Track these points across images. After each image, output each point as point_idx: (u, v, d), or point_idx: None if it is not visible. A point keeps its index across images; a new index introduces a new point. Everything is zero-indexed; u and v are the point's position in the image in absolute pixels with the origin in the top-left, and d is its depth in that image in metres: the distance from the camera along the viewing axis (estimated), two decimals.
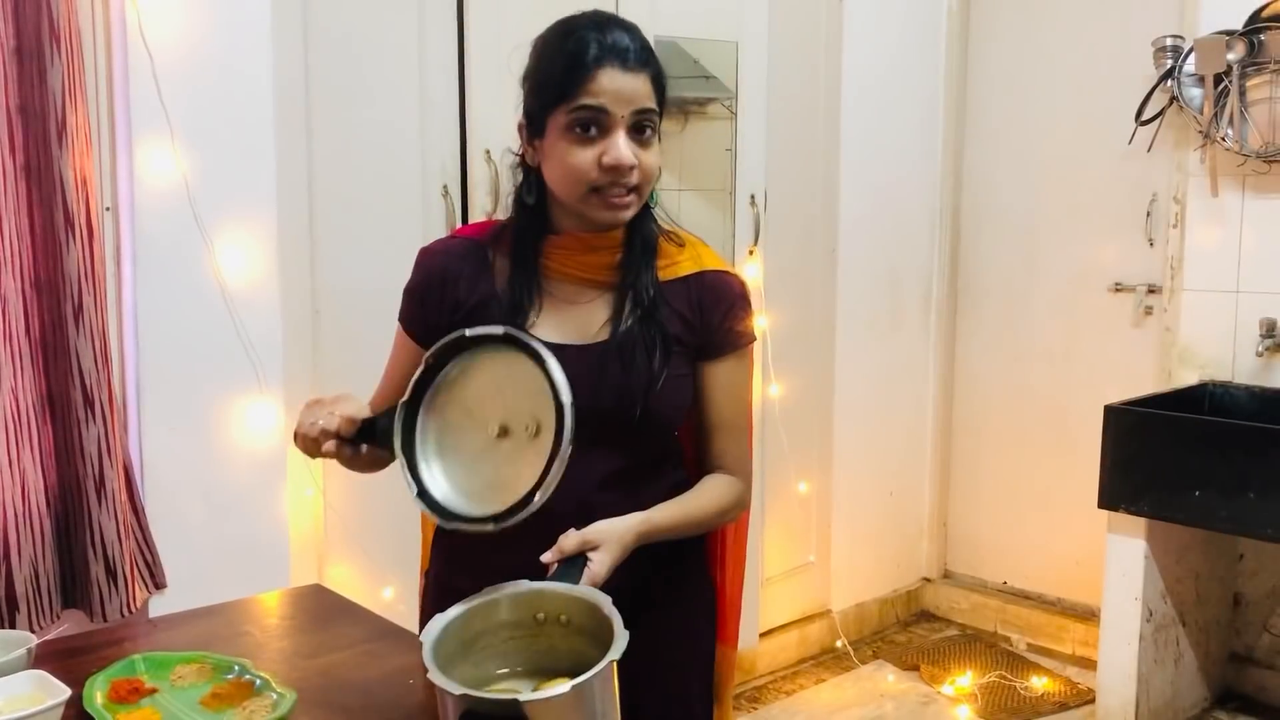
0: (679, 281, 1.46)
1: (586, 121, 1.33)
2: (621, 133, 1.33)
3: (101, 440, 2.00)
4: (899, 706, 3.32)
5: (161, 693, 1.34)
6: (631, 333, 1.41)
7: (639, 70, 1.34)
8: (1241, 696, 3.27)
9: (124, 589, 2.04)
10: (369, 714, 1.32)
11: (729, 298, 1.47)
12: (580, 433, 1.37)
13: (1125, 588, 2.93)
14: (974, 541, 4.03)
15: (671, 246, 1.48)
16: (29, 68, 1.93)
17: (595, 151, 1.33)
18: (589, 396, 1.36)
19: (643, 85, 1.34)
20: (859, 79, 3.55)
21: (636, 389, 1.39)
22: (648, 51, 1.37)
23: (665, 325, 1.42)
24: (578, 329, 1.42)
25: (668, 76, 1.41)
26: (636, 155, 1.34)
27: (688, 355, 1.45)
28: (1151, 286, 3.45)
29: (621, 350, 1.40)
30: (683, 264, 1.47)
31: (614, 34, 1.35)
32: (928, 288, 3.92)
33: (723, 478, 1.49)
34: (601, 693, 1.10)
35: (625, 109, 1.33)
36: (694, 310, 1.45)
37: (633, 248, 1.43)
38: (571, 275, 1.43)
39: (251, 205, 2.28)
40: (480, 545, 1.43)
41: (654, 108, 1.36)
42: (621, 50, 1.34)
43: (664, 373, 1.40)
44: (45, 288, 1.97)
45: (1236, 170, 3.09)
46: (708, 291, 1.46)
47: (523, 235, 1.43)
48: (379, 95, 2.54)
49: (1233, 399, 3.11)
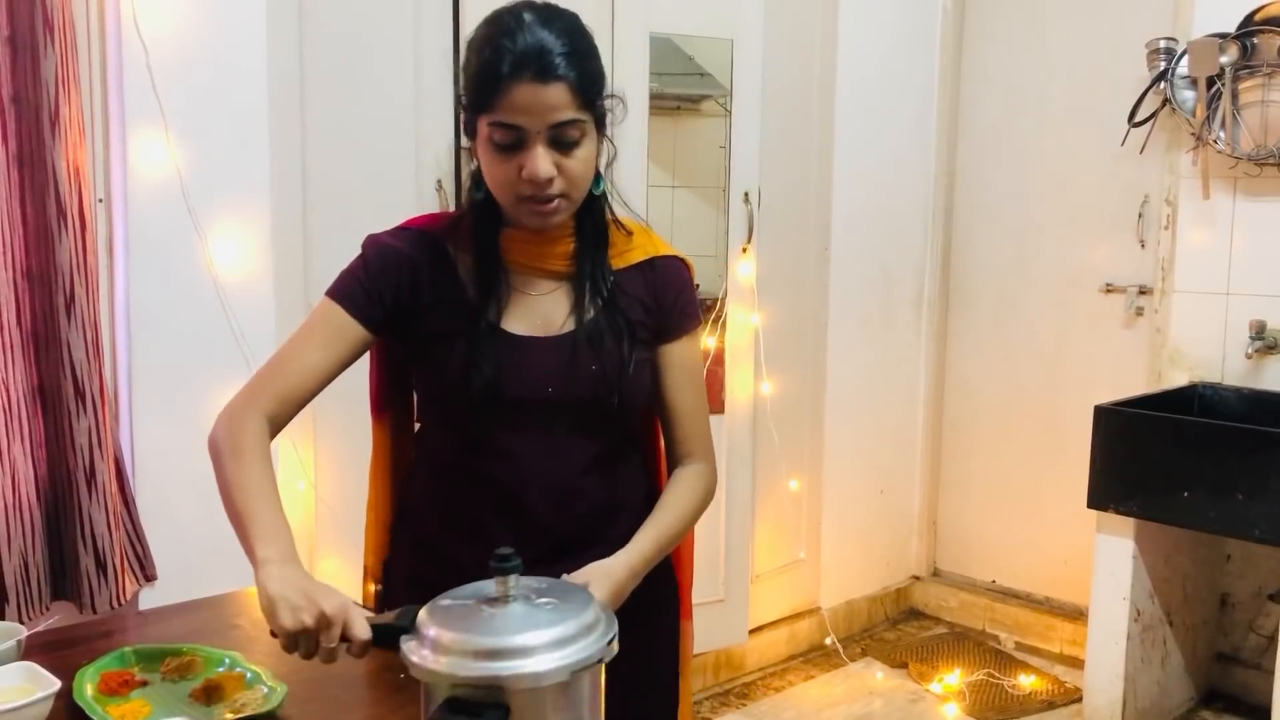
0: (633, 269, 1.48)
1: (504, 137, 1.31)
2: (539, 147, 1.31)
3: (92, 432, 1.99)
4: (887, 704, 3.34)
5: (152, 685, 1.34)
6: (598, 321, 1.43)
7: (556, 79, 1.29)
8: (1227, 696, 3.29)
9: (114, 581, 2.03)
10: (359, 707, 1.32)
11: (680, 281, 1.51)
12: (559, 422, 1.41)
13: (1113, 587, 2.94)
14: (963, 540, 4.04)
15: (620, 235, 1.49)
16: (22, 58, 1.92)
17: (515, 164, 1.32)
18: (566, 387, 1.41)
19: (560, 95, 1.30)
20: (853, 77, 3.56)
21: (611, 377, 1.41)
22: (572, 53, 1.31)
23: (627, 312, 1.45)
24: (542, 321, 1.43)
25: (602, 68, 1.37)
26: (559, 164, 1.32)
27: (648, 340, 1.48)
28: (1142, 288, 3.47)
29: (591, 339, 1.42)
30: (634, 251, 1.50)
31: (530, 38, 1.29)
32: (920, 286, 3.93)
33: (689, 471, 1.50)
34: (591, 689, 1.10)
35: (540, 123, 1.30)
36: (651, 296, 1.48)
37: (584, 236, 1.45)
38: (530, 266, 1.44)
39: (245, 198, 2.28)
40: (451, 537, 1.44)
41: (575, 118, 1.32)
42: (535, 59, 1.28)
43: (634, 358, 1.43)
44: (37, 278, 1.97)
45: (1228, 173, 3.10)
46: (659, 276, 1.50)
47: (481, 229, 1.43)
48: (373, 89, 2.54)
49: (1222, 400, 3.12)
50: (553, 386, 1.41)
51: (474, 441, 1.43)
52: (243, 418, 1.34)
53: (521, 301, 1.44)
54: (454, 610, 1.13)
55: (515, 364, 1.40)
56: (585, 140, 1.35)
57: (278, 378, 1.38)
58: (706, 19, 3.05)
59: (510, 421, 1.40)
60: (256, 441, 1.33)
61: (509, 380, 1.39)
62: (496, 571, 1.11)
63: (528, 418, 1.41)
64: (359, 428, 2.50)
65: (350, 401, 1.66)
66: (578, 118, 1.32)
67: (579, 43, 1.33)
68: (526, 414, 1.41)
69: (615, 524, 1.45)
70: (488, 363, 1.38)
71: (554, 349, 1.42)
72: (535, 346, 1.42)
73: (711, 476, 1.53)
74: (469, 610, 1.11)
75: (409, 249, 1.44)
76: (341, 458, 2.51)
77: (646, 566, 1.39)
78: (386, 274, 1.42)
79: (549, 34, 1.30)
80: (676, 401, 1.50)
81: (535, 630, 1.06)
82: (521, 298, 1.44)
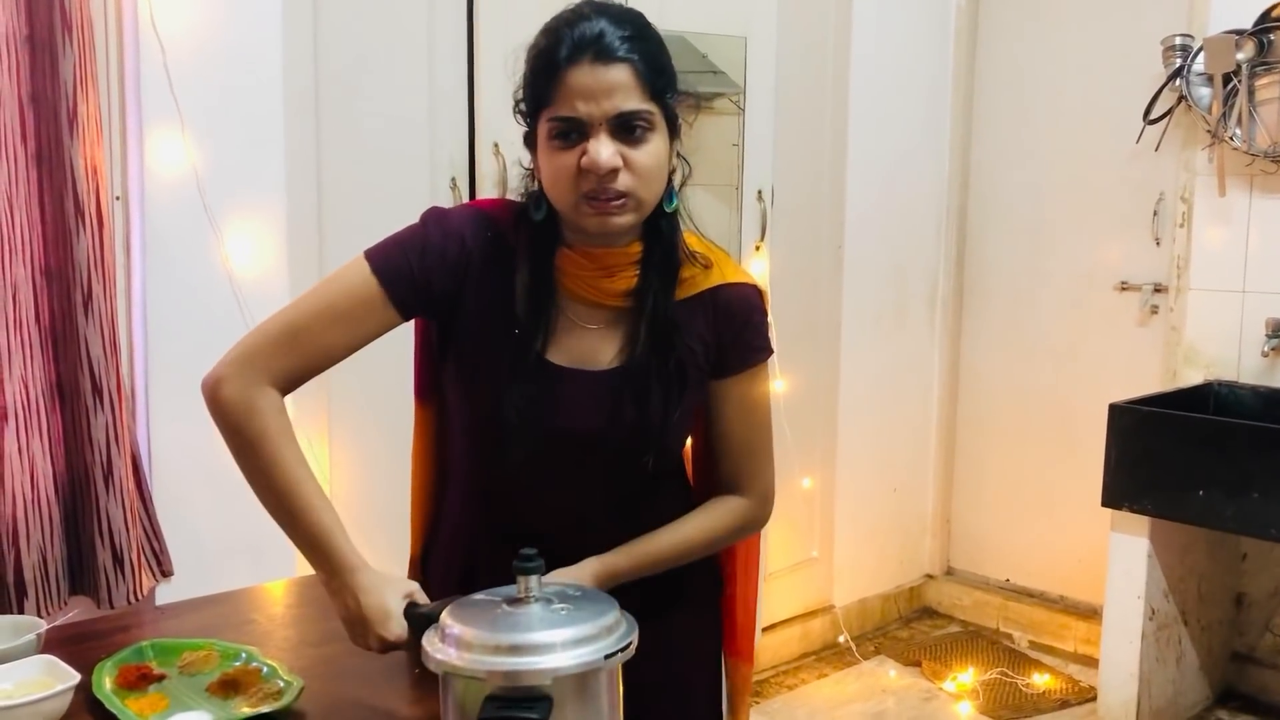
0: (695, 300, 1.35)
1: (565, 129, 1.22)
2: (602, 135, 1.21)
3: (110, 428, 2.00)
4: (900, 702, 3.33)
5: (169, 679, 1.35)
6: (648, 362, 1.31)
7: (616, 61, 1.20)
8: (1243, 696, 3.27)
9: (131, 576, 2.05)
10: (375, 702, 1.32)
11: (744, 311, 1.37)
12: (590, 460, 1.33)
13: (1128, 586, 2.93)
14: (977, 538, 4.03)
15: (696, 267, 1.35)
16: (41, 57, 1.93)
17: (576, 155, 1.22)
18: (602, 426, 1.31)
19: (623, 76, 1.20)
20: (867, 74, 3.55)
21: (651, 427, 1.31)
22: (633, 37, 1.22)
23: (684, 353, 1.33)
24: (589, 354, 1.32)
25: (671, 63, 1.27)
26: (624, 155, 1.22)
27: (704, 378, 1.36)
28: (1157, 285, 3.45)
29: (636, 381, 1.31)
30: (701, 280, 1.35)
31: (588, 24, 1.21)
32: (933, 285, 3.92)
33: (723, 502, 1.40)
34: (608, 689, 1.10)
35: (603, 111, 1.20)
36: (711, 330, 1.35)
37: (650, 267, 1.31)
38: (585, 297, 1.32)
39: (260, 196, 2.29)
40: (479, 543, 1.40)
41: (641, 108, 1.22)
42: (592, 41, 1.20)
43: (678, 409, 1.32)
44: (55, 276, 1.98)
45: (1244, 170, 3.09)
46: (723, 308, 1.36)
47: (537, 249, 1.31)
48: (388, 87, 2.54)
49: (1238, 398, 3.11)
50: (589, 425, 1.31)
51: (497, 463, 1.33)
52: (261, 395, 1.28)
53: (569, 330, 1.32)
54: (475, 607, 1.14)
55: (552, 396, 1.30)
56: (654, 135, 1.24)
57: (297, 355, 1.29)
58: (720, 17, 3.05)
59: (539, 453, 1.31)
60: (285, 425, 1.29)
61: (543, 413, 1.30)
62: (519, 572, 1.12)
63: (557, 451, 1.32)
64: (374, 422, 2.51)
65: (367, 394, 1.66)
66: (644, 108, 1.22)
67: (644, 30, 1.25)
68: (556, 447, 1.32)
69: None
70: (523, 393, 1.29)
71: (594, 386, 1.31)
72: (575, 380, 1.31)
73: (754, 513, 1.41)
74: (490, 608, 1.13)
75: (470, 232, 1.32)
76: (357, 454, 2.52)
77: (615, 581, 1.31)
78: (436, 254, 1.30)
79: (609, 20, 1.22)
80: (727, 435, 1.39)
81: (551, 629, 1.07)
82: (570, 326, 1.32)
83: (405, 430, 1.52)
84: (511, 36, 1.34)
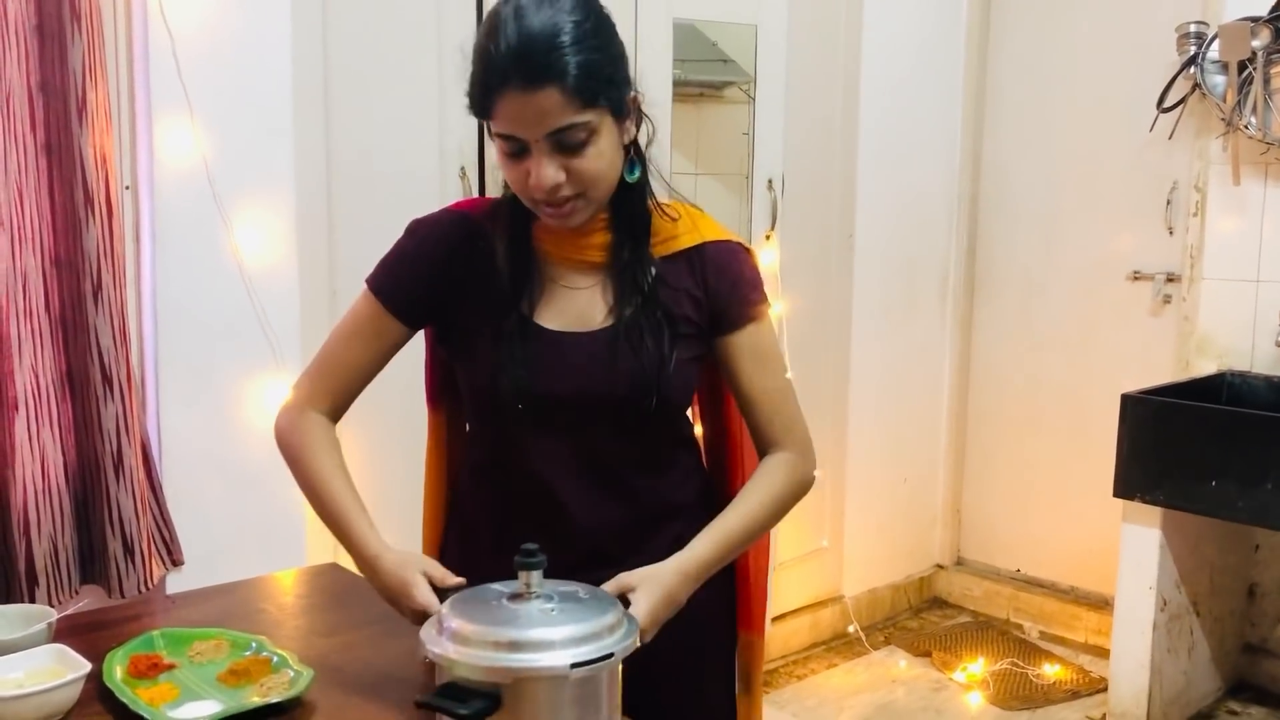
0: (679, 256, 1.39)
1: (509, 146, 1.25)
2: (541, 155, 1.23)
3: (120, 418, 2.01)
4: (910, 692, 3.33)
5: (180, 668, 1.35)
6: (637, 318, 1.35)
7: (545, 83, 1.19)
8: (1255, 687, 3.26)
9: (141, 565, 2.05)
10: (385, 692, 1.32)
11: (735, 266, 1.40)
12: (595, 422, 1.35)
13: (1139, 577, 2.92)
14: (987, 528, 4.02)
15: (665, 222, 1.40)
16: (50, 46, 1.93)
17: (523, 170, 1.26)
18: (603, 383, 1.34)
19: (551, 100, 1.20)
20: (878, 63, 3.53)
21: (649, 376, 1.33)
22: (560, 46, 1.20)
23: (670, 306, 1.36)
24: (578, 316, 1.37)
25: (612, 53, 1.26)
26: (566, 167, 1.24)
27: (699, 335, 1.39)
28: (1170, 275, 3.43)
29: (629, 336, 1.34)
30: (680, 238, 1.40)
31: (516, 37, 1.20)
32: (945, 274, 3.91)
33: (771, 461, 1.40)
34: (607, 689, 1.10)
35: (537, 132, 1.22)
36: (699, 286, 1.38)
37: (620, 226, 1.37)
38: (565, 258, 1.37)
39: (270, 185, 2.28)
40: (491, 538, 1.42)
41: (573, 121, 1.22)
42: (520, 63, 1.19)
43: (674, 355, 1.35)
44: (65, 265, 1.98)
45: (1259, 158, 3.06)
46: (711, 264, 1.39)
47: (513, 220, 1.37)
48: (397, 76, 2.54)
49: (1251, 389, 3.09)
50: (587, 385, 1.34)
51: (508, 440, 1.38)
52: (302, 417, 1.41)
53: (557, 295, 1.37)
54: (475, 601, 1.15)
55: (548, 361, 1.34)
56: (595, 138, 1.25)
57: (328, 377, 1.42)
58: (730, 5, 3.04)
59: (544, 420, 1.35)
60: (322, 436, 1.40)
61: (541, 378, 1.33)
62: (520, 567, 1.12)
63: (561, 417, 1.35)
64: (379, 422, 2.51)
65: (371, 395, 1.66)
66: (577, 120, 1.22)
67: (574, 31, 1.21)
68: (560, 413, 1.35)
69: (659, 532, 1.39)
70: (517, 359, 1.33)
71: (589, 345, 1.35)
72: (569, 342, 1.35)
73: (800, 464, 1.41)
74: (488, 603, 1.13)
75: (448, 233, 1.40)
76: (361, 452, 2.51)
77: (705, 570, 1.31)
78: (422, 261, 1.39)
79: (537, 27, 1.20)
80: (751, 389, 1.40)
81: (545, 627, 1.07)
82: (557, 291, 1.37)
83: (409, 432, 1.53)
84: None
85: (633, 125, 1.33)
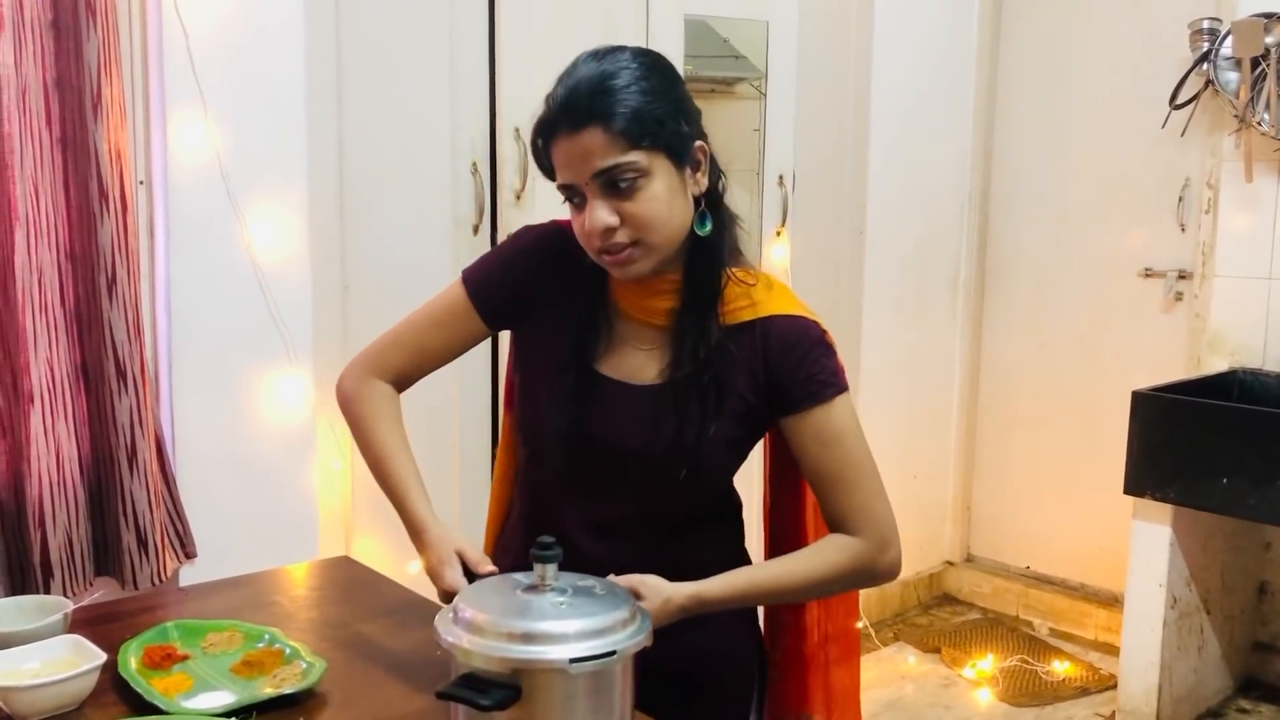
0: (745, 327, 1.34)
1: (569, 194, 1.29)
2: (595, 200, 1.25)
3: (134, 411, 2.02)
4: (919, 688, 3.33)
5: (194, 659, 1.36)
6: (688, 383, 1.32)
7: (589, 124, 1.22)
8: (1265, 686, 3.26)
9: (155, 558, 2.06)
10: (397, 684, 1.33)
11: (802, 344, 1.33)
12: (630, 476, 1.34)
13: (1149, 574, 2.92)
14: (997, 525, 4.02)
15: (740, 289, 1.35)
16: (65, 42, 1.94)
17: (582, 219, 1.28)
18: (643, 441, 1.33)
19: (595, 140, 1.22)
20: (889, 59, 3.53)
21: (685, 444, 1.31)
22: (607, 90, 1.23)
23: (727, 378, 1.33)
24: (635, 370, 1.37)
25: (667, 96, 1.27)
26: (619, 211, 1.24)
27: (751, 414, 1.35)
28: (1182, 272, 3.42)
29: (676, 398, 1.32)
30: (750, 307, 1.35)
31: (566, 86, 1.25)
32: (955, 271, 3.90)
33: (833, 539, 1.36)
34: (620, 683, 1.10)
35: (584, 172, 1.24)
36: (759, 362, 1.33)
37: (691, 289, 1.34)
38: (634, 316, 1.37)
39: (283, 180, 2.29)
40: None
41: (619, 161, 1.23)
42: (566, 110, 1.24)
43: (712, 428, 1.31)
44: (80, 259, 2.00)
45: (1272, 155, 3.05)
46: (775, 339, 1.33)
47: (594, 269, 1.35)
48: (410, 72, 2.54)
49: (1263, 386, 3.08)
50: (626, 437, 1.34)
51: (550, 472, 1.39)
52: (369, 384, 1.44)
53: (621, 348, 1.38)
54: (492, 590, 1.15)
55: (596, 405, 1.35)
56: (648, 181, 1.24)
57: (401, 353, 1.45)
58: (742, 1, 3.04)
59: (578, 459, 1.35)
60: (389, 407, 1.44)
61: (585, 419, 1.34)
62: (536, 560, 1.13)
63: (596, 460, 1.35)
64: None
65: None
66: (623, 161, 1.23)
67: (623, 77, 1.24)
68: (596, 457, 1.35)
69: None
70: (569, 398, 1.34)
71: (636, 398, 1.34)
72: (619, 392, 1.35)
73: (867, 550, 1.34)
74: (504, 593, 1.14)
75: (548, 247, 1.41)
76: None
77: (710, 602, 1.28)
78: (517, 266, 1.42)
79: (586, 75, 1.24)
80: (816, 472, 1.35)
81: (552, 620, 1.08)
82: (623, 344, 1.38)
83: None
84: (533, 21, 1.34)
85: (704, 177, 1.33)
